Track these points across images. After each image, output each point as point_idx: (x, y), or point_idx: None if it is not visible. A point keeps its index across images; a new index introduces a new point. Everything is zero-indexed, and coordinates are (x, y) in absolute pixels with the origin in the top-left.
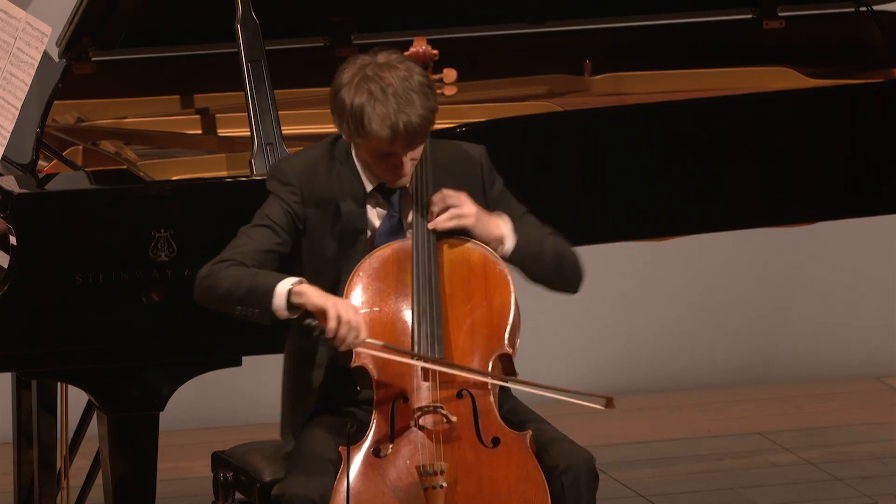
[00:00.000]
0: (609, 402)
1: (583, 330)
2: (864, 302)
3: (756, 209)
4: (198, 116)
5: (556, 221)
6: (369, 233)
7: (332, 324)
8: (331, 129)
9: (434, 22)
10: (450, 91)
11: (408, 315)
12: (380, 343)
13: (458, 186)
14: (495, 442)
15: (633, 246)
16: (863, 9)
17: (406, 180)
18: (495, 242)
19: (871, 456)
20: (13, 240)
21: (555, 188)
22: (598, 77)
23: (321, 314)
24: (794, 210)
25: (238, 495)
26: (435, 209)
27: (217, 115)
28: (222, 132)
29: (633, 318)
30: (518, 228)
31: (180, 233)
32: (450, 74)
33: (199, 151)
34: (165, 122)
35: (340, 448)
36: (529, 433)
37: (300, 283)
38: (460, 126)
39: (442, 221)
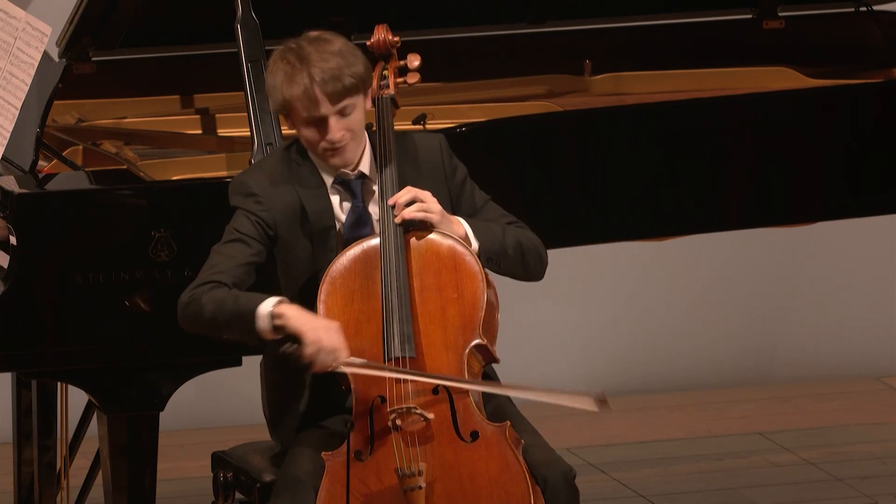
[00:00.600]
0: (601, 403)
1: (583, 330)
2: (864, 302)
3: (756, 209)
4: (198, 116)
5: (556, 221)
6: (338, 226)
7: (308, 350)
8: None
9: (434, 22)
10: (413, 79)
11: (380, 315)
12: (360, 361)
13: (420, 177)
14: (474, 436)
15: (633, 246)
16: (863, 9)
17: (349, 157)
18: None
19: (871, 456)
20: (13, 240)
21: (555, 188)
22: (598, 77)
23: (300, 338)
24: (794, 210)
25: (238, 495)
26: (402, 200)
27: (217, 115)
28: (222, 132)
29: (633, 318)
30: (479, 224)
31: (180, 233)
32: (413, 60)
33: (199, 151)
34: (165, 122)
35: (323, 454)
36: (507, 424)
37: (280, 303)
38: (460, 126)
39: (409, 212)
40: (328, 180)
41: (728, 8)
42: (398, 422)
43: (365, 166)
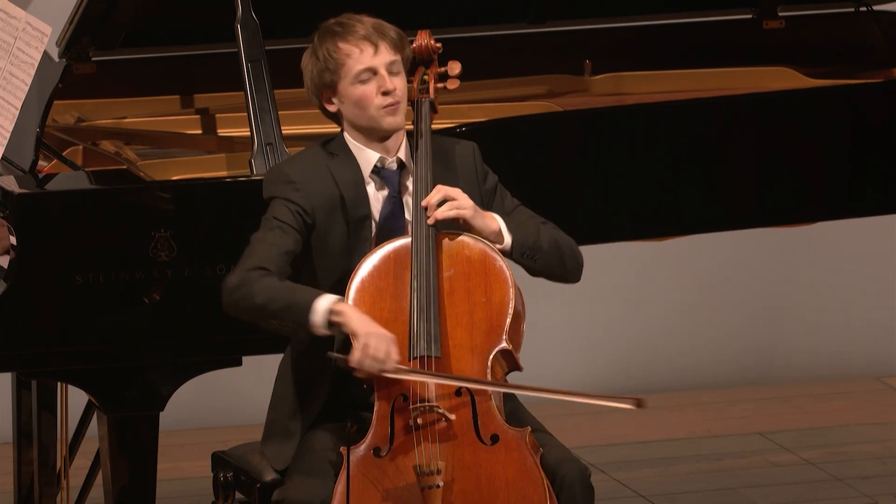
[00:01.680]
0: (639, 403)
1: (583, 330)
2: (864, 302)
3: (756, 209)
4: (198, 116)
5: (556, 221)
6: (374, 216)
7: (357, 353)
8: (331, 128)
9: (434, 22)
10: (452, 85)
11: (407, 314)
12: (405, 369)
13: (454, 179)
14: (494, 439)
15: (633, 246)
16: (863, 9)
17: (400, 118)
18: (493, 237)
19: (871, 456)
20: (13, 240)
21: (555, 188)
22: (598, 77)
23: (353, 339)
24: (794, 210)
25: (238, 495)
26: (433, 201)
27: (217, 115)
28: (222, 132)
29: (633, 318)
30: (512, 222)
31: (180, 233)
32: (454, 67)
33: (199, 151)
34: (165, 122)
35: (341, 448)
36: (528, 430)
37: (339, 301)
38: (460, 126)
39: (441, 212)
40: (366, 170)
41: (728, 8)
42: (419, 420)
43: (403, 155)
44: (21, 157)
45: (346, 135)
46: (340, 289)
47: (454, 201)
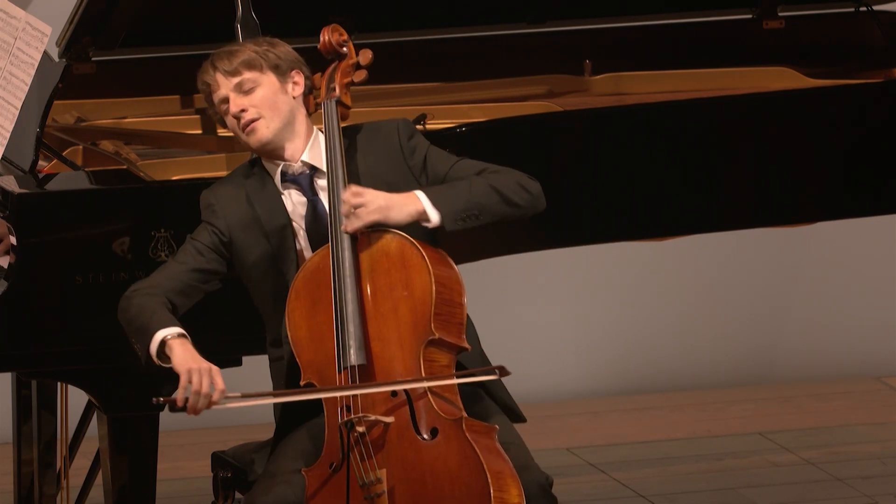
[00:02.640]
0: (502, 371)
1: (583, 330)
2: (864, 302)
3: (756, 209)
4: (198, 116)
5: (556, 222)
6: (294, 223)
7: (181, 393)
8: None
9: (434, 22)
10: (359, 77)
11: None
12: (236, 395)
13: (377, 165)
14: (434, 433)
15: (633, 246)
16: (863, 9)
17: (262, 134)
18: (420, 218)
19: (871, 456)
20: (13, 240)
21: (554, 188)
22: (598, 77)
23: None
24: (794, 210)
25: (238, 495)
26: (343, 211)
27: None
28: (222, 132)
29: (633, 318)
30: (439, 190)
31: (180, 233)
32: (365, 55)
33: (199, 151)
34: (165, 122)
35: (303, 470)
36: (463, 415)
37: (176, 337)
38: (460, 126)
39: (351, 225)
40: (276, 178)
41: (728, 8)
42: (359, 429)
43: (315, 159)
44: (21, 157)
45: None
46: (279, 301)
47: (362, 208)
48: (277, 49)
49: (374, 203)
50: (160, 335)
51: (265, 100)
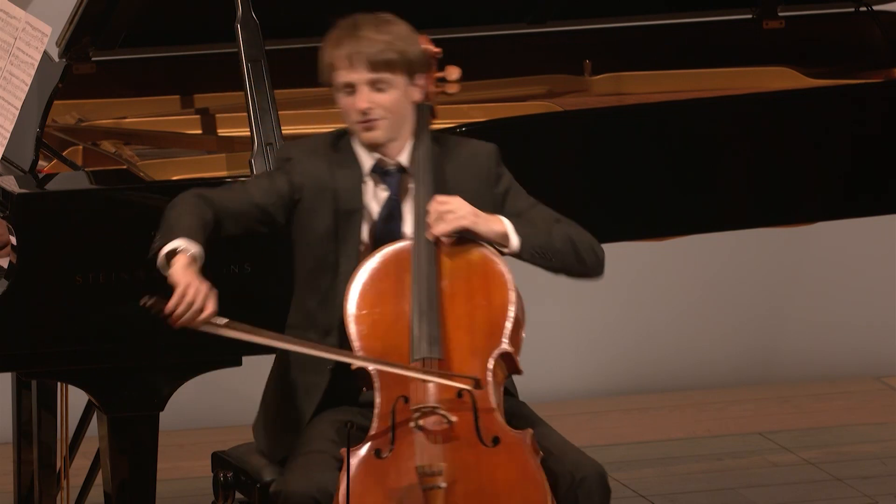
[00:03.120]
0: (477, 383)
1: (583, 330)
2: (864, 302)
3: (756, 209)
4: (198, 116)
5: None
6: (366, 214)
7: (172, 301)
8: (332, 129)
9: (434, 22)
10: (452, 89)
11: (409, 316)
12: (224, 321)
13: (463, 181)
14: (496, 441)
15: (633, 246)
16: (863, 9)
17: (378, 135)
18: (500, 239)
19: (871, 456)
20: (13, 240)
21: (555, 188)
22: (598, 77)
23: (172, 287)
24: (794, 210)
25: (238, 495)
26: (430, 219)
27: (217, 115)
28: (222, 132)
29: (632, 318)
30: (525, 223)
31: None
32: (452, 72)
33: (199, 151)
34: (165, 122)
35: (342, 450)
36: (530, 432)
37: (186, 250)
38: (460, 126)
39: (438, 229)
40: (366, 167)
41: (728, 8)
42: (421, 421)
43: (405, 160)
44: (21, 157)
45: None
46: (321, 274)
47: (450, 214)
48: (414, 48)
49: (461, 210)
50: (177, 243)
51: (393, 103)
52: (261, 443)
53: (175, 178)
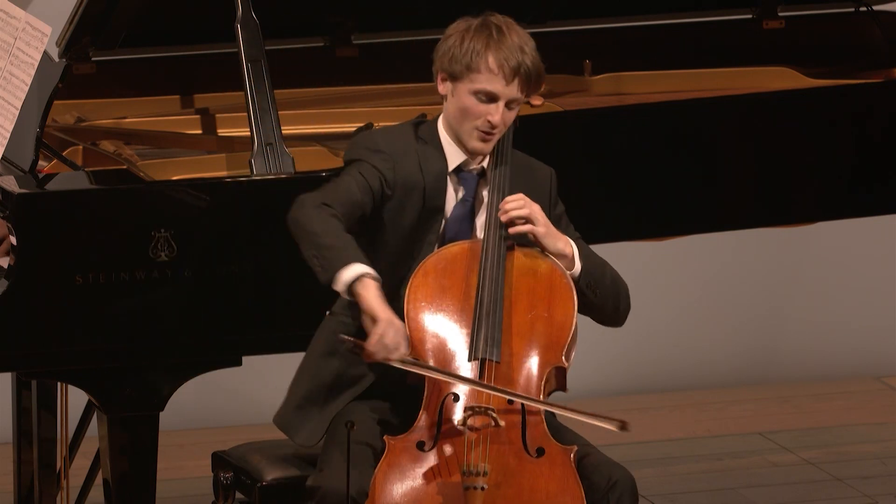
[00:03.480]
0: (623, 426)
1: (583, 330)
2: (863, 302)
3: (756, 209)
4: (198, 116)
5: None
6: (446, 211)
7: (370, 340)
8: (332, 129)
9: (433, 22)
10: (537, 101)
11: (468, 315)
12: (412, 360)
13: (530, 196)
14: (540, 452)
15: (633, 246)
16: (863, 9)
17: (490, 146)
18: (564, 260)
19: (871, 456)
20: (13, 240)
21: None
22: (598, 77)
23: (368, 321)
24: (794, 210)
25: (238, 495)
26: (511, 205)
27: (217, 115)
28: (222, 132)
29: (632, 318)
30: (586, 250)
31: (180, 233)
32: (536, 100)
33: (199, 151)
34: (165, 122)
35: (386, 437)
36: (575, 448)
37: (369, 275)
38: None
39: (514, 211)
40: (452, 164)
41: (728, 8)
42: (471, 421)
43: (486, 164)
44: (21, 157)
45: (440, 123)
46: (394, 271)
47: (530, 213)
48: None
49: (540, 214)
50: (358, 269)
51: (512, 120)
52: (295, 430)
53: (175, 178)
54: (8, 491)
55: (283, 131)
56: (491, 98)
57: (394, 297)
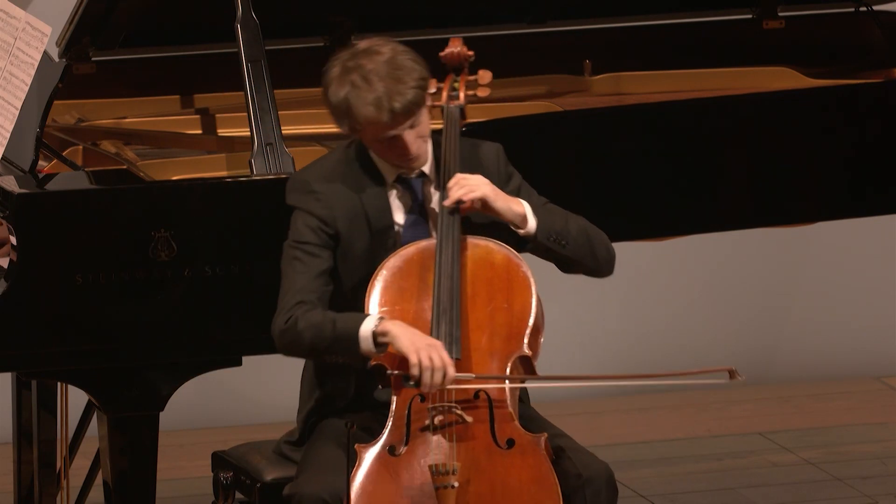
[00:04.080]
0: (732, 374)
1: (583, 330)
2: (864, 302)
3: (756, 209)
4: (198, 116)
5: None
6: (396, 226)
7: (415, 370)
8: (331, 128)
9: (434, 22)
10: (483, 93)
11: (429, 315)
12: (468, 376)
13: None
14: (510, 444)
15: (633, 246)
16: (863, 9)
17: (421, 161)
18: (517, 220)
19: (871, 456)
20: (13, 240)
21: (554, 188)
22: (598, 77)
23: (408, 358)
24: (794, 210)
25: (238, 495)
26: (450, 186)
27: (217, 115)
28: (222, 132)
29: (632, 318)
30: (541, 209)
31: (180, 233)
32: (485, 76)
33: (199, 151)
34: (165, 122)
35: (357, 446)
36: (545, 436)
37: (381, 321)
38: (460, 126)
39: (457, 193)
40: (388, 178)
41: (728, 8)
42: (437, 420)
43: (427, 167)
44: (21, 157)
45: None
46: (357, 295)
47: (470, 183)
48: (420, 69)
49: (482, 181)
50: (366, 329)
51: (427, 126)
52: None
53: (175, 178)
54: (8, 491)
55: (283, 131)
56: (389, 135)
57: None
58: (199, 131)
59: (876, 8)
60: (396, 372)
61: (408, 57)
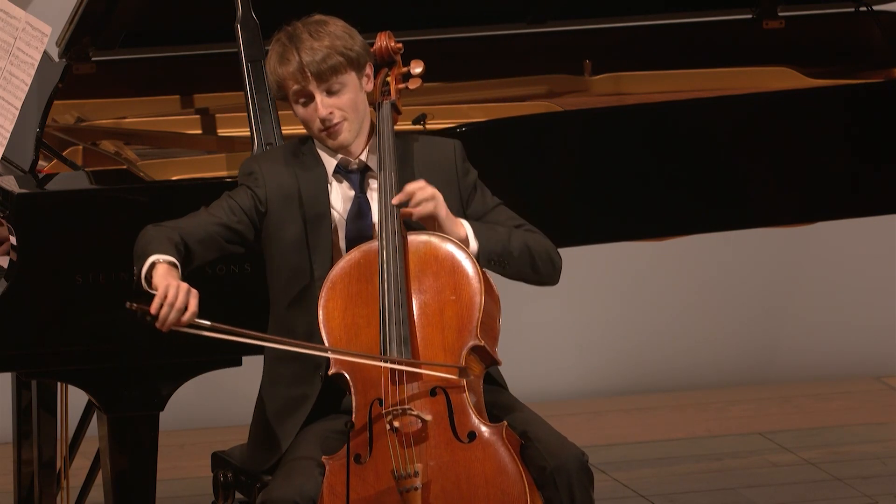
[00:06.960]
0: (462, 371)
1: (583, 330)
2: (864, 302)
3: (756, 209)
4: (198, 116)
5: (556, 221)
6: (335, 215)
7: (156, 303)
8: None
9: (433, 22)
10: (414, 84)
11: (377, 318)
12: (208, 324)
13: (431, 177)
14: (471, 437)
15: (633, 246)
16: (863, 9)
17: (343, 137)
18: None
19: (871, 456)
20: (13, 240)
21: (554, 188)
22: (598, 77)
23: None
24: (795, 210)
25: (238, 495)
26: (412, 189)
27: (217, 115)
28: (222, 132)
29: (632, 318)
30: (486, 224)
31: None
32: (416, 66)
33: (199, 151)
34: (165, 122)
35: (323, 458)
36: (504, 424)
37: (163, 261)
38: (460, 126)
39: (401, 197)
40: (329, 168)
41: (728, 8)
42: (395, 423)
43: (372, 160)
44: (21, 157)
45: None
46: (290, 284)
47: (427, 194)
48: (356, 41)
49: (438, 199)
50: (153, 258)
51: (350, 101)
52: (248, 451)
53: (175, 178)
54: (8, 491)
55: (283, 131)
56: (303, 95)
57: (294, 310)
58: (199, 131)
59: (876, 8)
60: (136, 306)
61: (340, 27)
